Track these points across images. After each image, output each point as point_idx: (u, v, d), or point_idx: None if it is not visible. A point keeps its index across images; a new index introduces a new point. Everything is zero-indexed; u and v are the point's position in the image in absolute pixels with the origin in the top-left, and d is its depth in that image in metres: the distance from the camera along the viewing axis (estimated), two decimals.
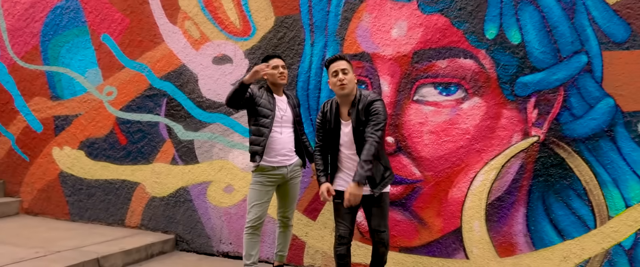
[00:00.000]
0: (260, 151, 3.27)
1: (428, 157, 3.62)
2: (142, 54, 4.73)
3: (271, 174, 3.33)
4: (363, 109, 2.93)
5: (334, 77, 2.97)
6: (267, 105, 3.29)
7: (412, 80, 3.67)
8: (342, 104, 3.05)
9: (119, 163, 4.86)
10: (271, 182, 3.35)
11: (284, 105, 3.39)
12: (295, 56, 4.04)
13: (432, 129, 3.61)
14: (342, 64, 2.97)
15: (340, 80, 2.93)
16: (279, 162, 3.34)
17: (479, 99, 3.50)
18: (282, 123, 3.35)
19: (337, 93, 3.00)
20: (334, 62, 3.00)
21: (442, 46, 3.59)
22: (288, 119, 3.39)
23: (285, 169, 3.36)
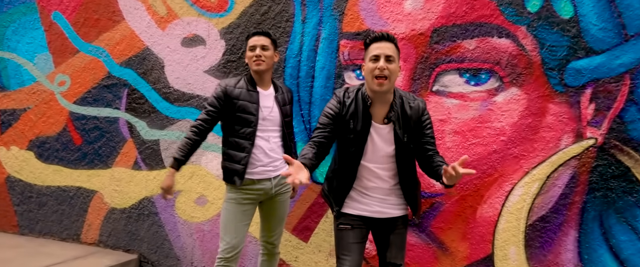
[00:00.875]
0: (241, 171, 2.52)
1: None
2: (99, 36, 3.91)
3: (250, 190, 2.56)
4: (415, 116, 2.20)
5: (374, 62, 2.12)
6: (249, 107, 2.52)
7: (431, 66, 2.87)
8: (376, 99, 2.19)
9: (74, 167, 4.06)
10: (250, 200, 2.57)
11: (270, 101, 2.61)
12: (282, 36, 3.23)
13: (456, 129, 2.82)
14: (388, 48, 2.14)
15: (382, 70, 2.09)
16: (261, 174, 2.57)
17: (517, 89, 2.71)
18: (267, 126, 2.57)
19: (372, 88, 2.15)
20: (378, 41, 2.15)
21: (470, 22, 2.79)
22: (274, 121, 2.60)
23: (268, 182, 2.59)
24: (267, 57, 2.57)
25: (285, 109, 2.65)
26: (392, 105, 2.18)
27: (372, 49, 2.15)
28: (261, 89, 2.61)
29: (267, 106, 2.58)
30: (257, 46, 2.56)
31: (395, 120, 2.17)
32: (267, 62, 2.58)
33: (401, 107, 2.19)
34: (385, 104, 2.19)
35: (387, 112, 2.19)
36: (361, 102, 2.19)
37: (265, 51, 2.57)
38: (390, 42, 2.17)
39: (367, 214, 2.26)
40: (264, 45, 2.57)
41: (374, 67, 2.11)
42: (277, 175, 2.61)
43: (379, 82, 2.10)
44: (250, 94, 2.55)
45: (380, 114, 2.19)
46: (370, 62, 2.14)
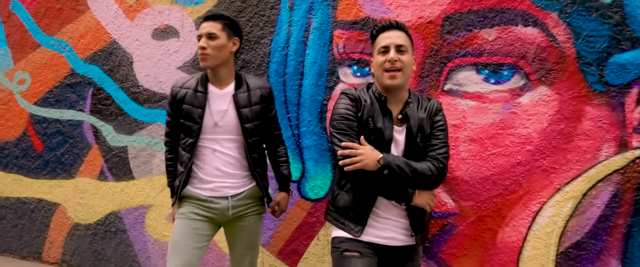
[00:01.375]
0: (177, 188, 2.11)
1: (466, 178, 2.36)
2: (62, 28, 3.44)
3: (201, 205, 2.07)
4: (428, 116, 1.87)
5: (383, 54, 1.82)
6: (192, 112, 2.05)
7: (443, 61, 2.40)
8: (389, 97, 1.87)
9: (35, 176, 3.59)
10: (203, 217, 2.07)
11: (225, 103, 2.07)
12: (266, 26, 2.75)
13: (473, 136, 2.35)
14: (398, 37, 1.83)
15: (393, 62, 1.78)
16: (214, 191, 2.07)
17: (547, 89, 2.24)
18: (217, 134, 2.06)
19: (384, 83, 1.82)
20: (387, 30, 1.85)
21: (490, 7, 2.32)
22: (228, 128, 2.07)
23: (224, 202, 2.07)
24: (215, 48, 2.01)
25: (245, 112, 2.10)
26: (408, 101, 1.86)
27: (381, 40, 1.84)
28: (215, 89, 2.10)
29: (219, 110, 2.06)
30: (203, 35, 2.03)
31: (410, 115, 1.83)
32: (215, 55, 2.01)
33: (417, 105, 1.88)
34: (399, 103, 1.86)
35: (402, 109, 1.85)
36: (376, 100, 1.86)
37: (213, 40, 2.01)
38: (400, 30, 1.85)
39: (380, 241, 1.82)
40: (211, 33, 2.01)
41: (384, 60, 1.80)
42: (238, 193, 2.10)
43: (390, 75, 1.79)
44: (196, 95, 2.06)
45: (395, 113, 1.86)
46: (379, 55, 1.83)
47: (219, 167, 2.05)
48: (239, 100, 2.06)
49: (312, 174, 2.66)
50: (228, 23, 2.07)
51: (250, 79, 2.16)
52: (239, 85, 2.10)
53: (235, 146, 2.08)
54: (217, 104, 2.06)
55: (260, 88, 2.14)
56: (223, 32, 2.03)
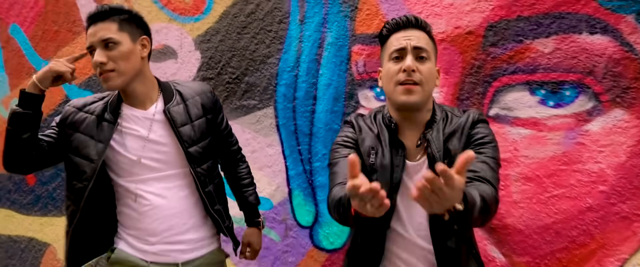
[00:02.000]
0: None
1: (520, 227, 1.86)
2: (58, 51, 3.16)
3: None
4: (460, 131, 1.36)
5: (396, 61, 1.35)
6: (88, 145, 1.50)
7: (487, 79, 1.94)
8: (404, 123, 1.40)
9: (26, 212, 3.27)
10: None
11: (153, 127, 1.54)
12: (273, 43, 2.36)
13: (527, 173, 1.86)
14: (417, 37, 1.36)
15: (409, 72, 1.31)
16: (160, 255, 1.52)
17: (623, 112, 1.75)
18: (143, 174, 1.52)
19: (397, 100, 1.35)
20: (401, 29, 1.39)
21: (544, 12, 1.86)
22: (163, 160, 1.53)
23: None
24: (119, 58, 1.43)
25: (186, 131, 1.53)
26: (430, 123, 1.38)
27: (394, 42, 1.37)
28: (135, 110, 1.54)
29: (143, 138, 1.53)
30: (95, 44, 1.44)
31: (432, 139, 1.33)
32: (121, 70, 1.44)
33: (443, 123, 1.38)
34: (418, 128, 1.39)
35: (421, 134, 1.38)
36: (384, 127, 1.40)
37: (113, 49, 1.43)
38: (421, 29, 1.39)
39: None
40: (108, 39, 1.43)
41: (397, 69, 1.33)
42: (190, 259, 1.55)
43: (406, 88, 1.32)
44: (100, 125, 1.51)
45: (412, 142, 1.38)
46: (391, 63, 1.36)
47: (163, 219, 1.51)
48: (174, 116, 1.53)
49: (326, 219, 2.20)
50: (126, 18, 1.49)
51: (182, 85, 1.64)
52: (168, 97, 1.56)
53: (178, 185, 1.54)
54: (140, 130, 1.52)
55: (199, 94, 1.62)
56: (123, 33, 1.46)
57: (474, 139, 1.34)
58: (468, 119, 1.37)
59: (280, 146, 2.33)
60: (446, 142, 1.34)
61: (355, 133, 1.43)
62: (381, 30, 1.44)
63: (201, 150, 1.56)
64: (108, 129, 1.49)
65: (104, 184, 1.52)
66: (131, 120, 1.53)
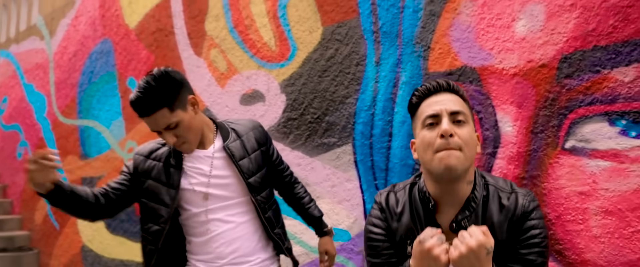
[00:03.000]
0: None
1: (602, 263, 1.78)
2: None
3: None
4: (507, 220, 1.22)
5: (432, 129, 1.23)
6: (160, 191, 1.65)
7: (562, 112, 1.92)
8: (443, 198, 1.26)
9: (135, 239, 3.67)
10: None
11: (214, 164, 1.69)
12: (351, 84, 2.53)
13: (608, 207, 1.79)
14: (452, 101, 1.25)
15: (448, 137, 1.17)
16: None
17: None
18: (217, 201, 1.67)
19: (435, 169, 1.21)
20: (433, 94, 1.28)
21: (623, 40, 1.82)
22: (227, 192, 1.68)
23: None
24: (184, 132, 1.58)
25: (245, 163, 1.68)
26: (469, 201, 1.24)
27: (426, 108, 1.26)
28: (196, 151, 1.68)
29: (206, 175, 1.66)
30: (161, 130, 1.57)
31: (470, 224, 1.19)
32: (191, 139, 1.61)
33: (484, 205, 1.24)
34: (459, 202, 1.25)
35: (456, 214, 1.24)
36: (420, 205, 1.29)
37: (176, 128, 1.56)
38: (454, 93, 1.28)
39: None
40: (170, 124, 1.55)
41: (433, 137, 1.20)
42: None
43: (445, 154, 1.17)
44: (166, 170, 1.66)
45: (446, 220, 1.26)
46: (426, 130, 1.23)
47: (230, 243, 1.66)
48: (233, 152, 1.67)
49: None
50: (169, 95, 1.54)
51: (235, 123, 1.79)
52: (225, 135, 1.71)
53: (241, 212, 1.69)
54: (200, 170, 1.67)
55: (252, 130, 1.76)
56: (177, 111, 1.55)
57: (524, 237, 1.20)
58: (517, 207, 1.22)
59: (358, 181, 2.44)
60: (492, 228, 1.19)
61: (386, 220, 1.32)
62: (410, 99, 1.32)
63: (260, 180, 1.71)
64: (176, 174, 1.65)
65: (175, 222, 1.69)
66: (195, 160, 1.68)
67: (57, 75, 4.98)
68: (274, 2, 2.93)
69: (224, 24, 3.21)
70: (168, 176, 1.65)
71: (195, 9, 3.44)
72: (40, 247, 4.90)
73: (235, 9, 3.16)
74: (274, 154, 1.86)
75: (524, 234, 1.20)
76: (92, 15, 4.52)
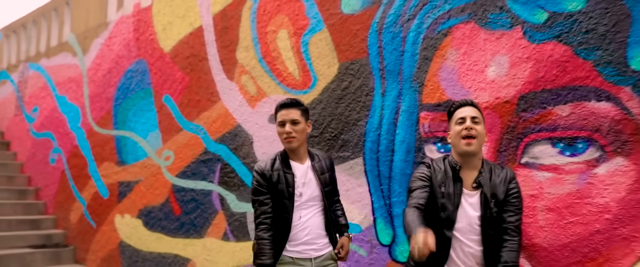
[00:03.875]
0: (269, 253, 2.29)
1: (545, 246, 2.49)
2: (199, 115, 4.25)
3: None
4: (502, 183, 2.14)
5: (461, 124, 2.16)
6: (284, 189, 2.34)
7: (519, 136, 2.64)
8: (464, 167, 2.18)
9: (173, 235, 4.31)
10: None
11: (306, 175, 2.39)
12: (362, 110, 3.23)
13: (550, 205, 2.51)
14: (473, 111, 2.19)
15: (469, 130, 2.12)
16: (300, 253, 2.35)
17: (623, 159, 2.36)
18: (301, 202, 2.36)
19: (461, 149, 2.14)
20: (463, 107, 2.22)
21: (562, 85, 2.55)
22: (311, 195, 2.38)
23: (308, 263, 2.35)
24: (298, 131, 2.34)
25: (324, 178, 2.41)
26: (481, 170, 2.15)
27: (458, 114, 2.19)
28: (297, 164, 2.41)
29: (302, 182, 2.36)
30: (287, 121, 2.32)
31: (484, 183, 2.11)
32: (299, 138, 2.34)
33: (490, 173, 2.15)
34: (473, 169, 2.16)
35: (476, 177, 2.14)
36: (450, 168, 2.17)
37: (296, 125, 2.33)
38: (474, 107, 2.21)
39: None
40: (295, 120, 2.32)
41: (461, 129, 2.12)
42: (321, 255, 2.37)
43: (467, 141, 2.10)
44: (285, 176, 2.34)
45: (469, 180, 2.15)
46: (457, 125, 2.16)
47: (308, 231, 2.36)
48: (318, 169, 2.40)
49: (401, 240, 2.95)
50: (304, 109, 2.38)
51: (315, 151, 2.52)
52: (312, 157, 2.45)
53: (316, 210, 2.39)
54: (300, 176, 2.37)
55: (326, 158, 2.50)
56: (302, 118, 2.36)
57: (511, 193, 2.11)
58: (507, 175, 2.14)
59: (367, 186, 3.14)
60: (493, 188, 2.11)
61: (430, 171, 2.18)
62: (449, 109, 2.24)
63: (329, 190, 2.44)
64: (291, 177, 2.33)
65: None
66: (296, 170, 2.38)
67: (91, 89, 5.60)
68: (297, 39, 3.62)
69: (254, 54, 3.89)
70: (286, 178, 2.34)
71: (226, 39, 4.12)
72: (76, 244, 5.51)
73: (263, 42, 3.84)
74: (331, 178, 2.52)
75: (512, 190, 2.11)
76: (127, 38, 5.17)
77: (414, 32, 3.05)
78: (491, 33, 2.78)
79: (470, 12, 2.84)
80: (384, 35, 3.18)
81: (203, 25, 4.34)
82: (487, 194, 2.08)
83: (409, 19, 3.07)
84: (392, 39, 3.14)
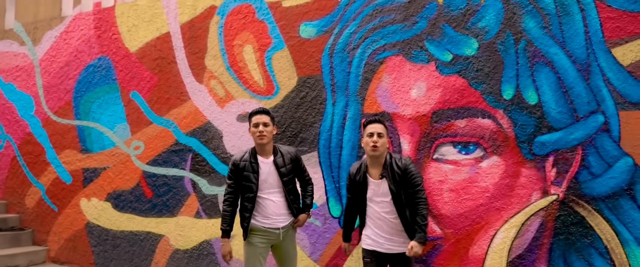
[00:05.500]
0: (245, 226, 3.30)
1: (448, 214, 3.68)
2: (169, 111, 4.93)
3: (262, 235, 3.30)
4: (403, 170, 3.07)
5: (370, 137, 3.09)
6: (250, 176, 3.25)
7: (432, 139, 3.77)
8: (373, 164, 3.14)
9: (144, 215, 4.99)
10: (263, 243, 3.29)
11: (270, 167, 3.29)
12: (317, 115, 4.19)
13: (452, 187, 3.69)
14: (379, 128, 3.11)
15: (375, 143, 3.06)
16: (271, 225, 3.29)
17: (497, 157, 3.58)
18: (267, 188, 3.28)
19: (369, 153, 3.11)
20: (372, 123, 3.14)
21: (461, 106, 3.71)
22: (274, 183, 3.29)
23: (277, 231, 3.30)
24: (269, 132, 3.24)
25: (283, 170, 3.28)
26: (384, 165, 3.12)
27: (368, 128, 3.12)
28: (263, 158, 3.28)
29: (266, 172, 3.25)
30: (260, 123, 3.21)
31: (386, 175, 3.09)
32: (269, 137, 3.24)
33: (391, 166, 3.10)
34: (379, 166, 3.13)
35: (380, 172, 3.12)
36: (363, 169, 3.18)
37: (267, 127, 3.22)
38: (380, 123, 3.15)
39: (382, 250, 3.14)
40: (266, 123, 3.23)
41: (369, 140, 3.08)
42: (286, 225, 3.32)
43: (372, 148, 3.07)
44: (252, 165, 3.23)
45: (376, 174, 3.13)
46: (367, 137, 3.11)
47: (273, 210, 3.28)
48: (278, 163, 3.29)
49: None
50: (272, 116, 3.32)
51: (282, 147, 3.41)
52: (275, 154, 3.32)
53: (278, 193, 3.30)
54: (264, 168, 3.27)
55: (289, 153, 3.38)
56: (271, 122, 3.29)
57: (410, 176, 3.06)
58: (404, 163, 3.08)
59: (322, 174, 4.14)
60: (394, 176, 3.06)
61: (352, 177, 3.19)
62: (364, 121, 3.28)
63: (288, 180, 3.32)
64: (256, 167, 3.26)
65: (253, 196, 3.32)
66: (262, 163, 3.31)
67: (45, 79, 5.92)
68: (261, 54, 4.46)
69: (222, 62, 4.66)
70: (252, 168, 3.26)
71: (195, 47, 4.82)
72: (34, 227, 5.87)
73: (230, 53, 4.62)
74: (301, 167, 3.47)
75: (411, 173, 3.08)
76: (87, 34, 5.59)
77: (358, 58, 4.05)
78: (414, 65, 3.86)
79: (399, 47, 3.90)
80: (334, 58, 4.14)
81: (171, 32, 4.97)
82: (390, 181, 3.05)
83: (354, 48, 4.07)
84: (341, 62, 4.12)
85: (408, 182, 3.07)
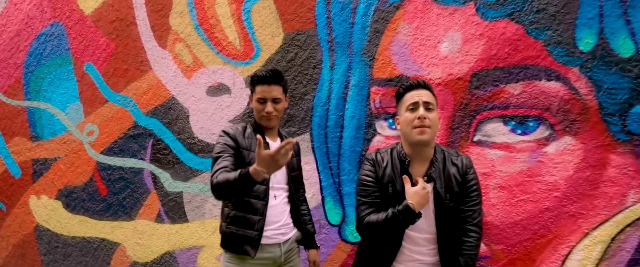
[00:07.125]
0: (256, 238, 2.10)
1: (497, 223, 2.51)
2: (127, 85, 3.87)
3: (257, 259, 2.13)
4: (458, 173, 1.92)
5: (412, 112, 1.90)
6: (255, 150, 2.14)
7: (472, 114, 2.60)
8: (415, 158, 1.95)
9: (98, 217, 3.95)
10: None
11: None
12: (309, 84, 3.05)
13: (501, 183, 2.51)
14: (426, 95, 1.92)
15: (422, 119, 1.86)
16: (270, 239, 2.17)
17: (571, 138, 2.40)
18: (274, 184, 2.20)
19: (413, 139, 1.89)
20: (414, 89, 1.94)
21: (514, 64, 2.53)
22: (280, 177, 2.22)
23: (278, 249, 2.19)
24: (280, 110, 2.19)
25: (291, 161, 2.24)
26: (433, 161, 1.93)
27: (409, 98, 1.92)
28: (270, 140, 2.22)
29: None
30: (268, 99, 2.13)
31: (436, 177, 1.90)
32: (279, 117, 2.21)
33: (443, 163, 1.93)
34: (425, 161, 1.94)
35: (426, 170, 1.92)
36: (398, 161, 1.94)
37: (278, 104, 2.17)
38: (427, 89, 1.95)
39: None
40: (277, 98, 2.15)
41: (413, 117, 1.87)
42: (287, 239, 2.21)
43: (420, 131, 1.85)
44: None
45: (419, 173, 1.94)
46: (408, 113, 1.91)
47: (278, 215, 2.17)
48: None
49: (351, 219, 2.86)
50: (285, 84, 2.21)
51: (284, 133, 2.38)
52: (281, 137, 2.30)
53: (286, 195, 2.23)
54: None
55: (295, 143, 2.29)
56: (283, 94, 2.20)
57: (470, 186, 1.91)
58: (463, 165, 1.92)
59: (315, 164, 3.00)
60: (447, 180, 1.90)
61: (375, 169, 1.94)
62: (398, 89, 1.99)
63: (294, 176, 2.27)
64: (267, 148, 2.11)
65: None
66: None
67: None
68: (238, 5, 3.35)
69: (189, 20, 3.56)
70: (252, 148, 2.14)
71: (158, 3, 3.74)
72: None
73: (200, 8, 3.52)
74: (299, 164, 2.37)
75: (469, 183, 1.91)
76: None
77: (364, 3, 2.90)
78: (444, 8, 2.69)
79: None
80: (332, 5, 3.00)
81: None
82: (440, 189, 1.88)
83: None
84: (342, 10, 2.97)
85: (463, 194, 1.90)
